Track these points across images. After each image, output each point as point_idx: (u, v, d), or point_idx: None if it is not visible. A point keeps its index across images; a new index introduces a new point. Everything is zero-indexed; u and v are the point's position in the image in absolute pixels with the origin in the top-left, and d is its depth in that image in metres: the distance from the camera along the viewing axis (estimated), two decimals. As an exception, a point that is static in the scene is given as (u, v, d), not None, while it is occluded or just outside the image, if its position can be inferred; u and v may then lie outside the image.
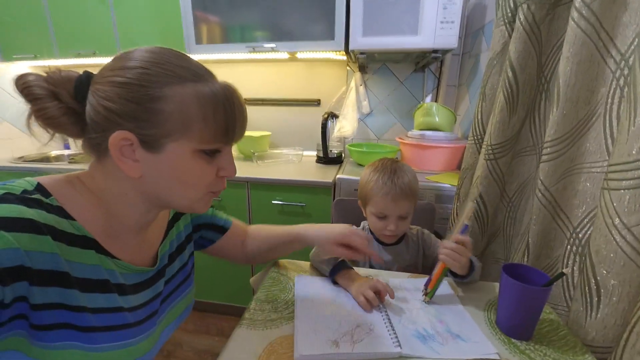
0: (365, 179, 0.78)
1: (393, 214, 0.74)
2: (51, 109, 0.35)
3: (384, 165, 0.77)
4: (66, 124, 0.37)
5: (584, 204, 0.60)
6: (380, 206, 0.74)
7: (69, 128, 0.37)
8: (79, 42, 1.50)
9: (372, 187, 0.75)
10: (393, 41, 1.20)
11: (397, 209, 0.73)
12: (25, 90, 0.35)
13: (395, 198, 0.72)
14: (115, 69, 0.36)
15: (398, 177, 0.73)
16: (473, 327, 0.55)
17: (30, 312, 0.31)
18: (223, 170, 0.41)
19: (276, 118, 1.78)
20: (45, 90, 0.35)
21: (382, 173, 0.75)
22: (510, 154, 0.77)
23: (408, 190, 0.73)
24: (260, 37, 1.35)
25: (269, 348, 0.49)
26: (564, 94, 0.58)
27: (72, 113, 0.37)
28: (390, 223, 0.74)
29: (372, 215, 0.76)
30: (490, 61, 0.83)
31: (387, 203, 0.73)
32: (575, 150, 0.60)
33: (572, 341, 0.52)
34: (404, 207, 0.73)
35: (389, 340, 0.50)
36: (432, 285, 0.61)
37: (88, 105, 0.36)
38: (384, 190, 0.72)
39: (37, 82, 0.35)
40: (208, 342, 1.40)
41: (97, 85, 0.36)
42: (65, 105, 0.36)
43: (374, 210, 0.75)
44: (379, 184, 0.73)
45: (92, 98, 0.36)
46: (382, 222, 0.75)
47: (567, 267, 0.56)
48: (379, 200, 0.74)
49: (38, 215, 0.32)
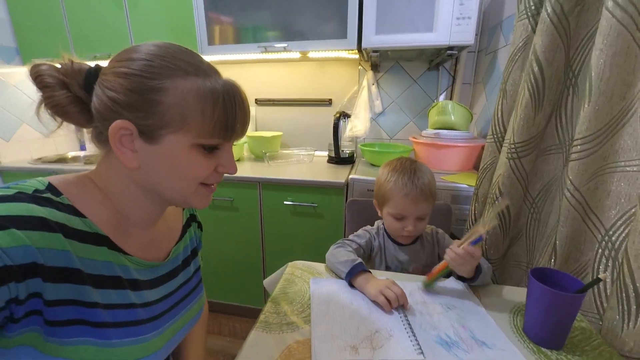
0: (383, 178, 0.76)
1: (412, 215, 0.72)
2: (59, 97, 0.37)
3: (403, 165, 0.74)
4: (73, 112, 0.38)
5: (617, 205, 0.56)
6: (399, 207, 0.72)
7: (75, 117, 0.39)
8: (95, 44, 1.53)
9: (390, 187, 0.73)
10: (407, 38, 1.18)
11: (417, 210, 0.71)
12: (38, 78, 0.37)
13: (416, 199, 0.70)
14: (122, 61, 0.37)
15: (418, 177, 0.71)
16: (498, 333, 0.52)
17: (45, 308, 0.31)
18: (222, 166, 0.42)
19: (287, 118, 1.77)
20: (55, 80, 0.37)
21: (402, 174, 0.72)
22: (534, 153, 0.74)
23: (428, 191, 0.71)
24: (272, 37, 1.35)
25: (286, 352, 0.48)
26: (597, 88, 0.54)
27: (78, 102, 0.38)
28: (408, 224, 0.72)
29: (390, 216, 0.74)
30: (511, 56, 0.80)
31: (407, 204, 0.71)
32: (609, 147, 0.56)
33: (607, 351, 0.49)
34: (423, 208, 0.71)
35: (411, 347, 0.48)
36: (429, 277, 0.63)
37: (94, 95, 0.37)
38: (404, 192, 0.70)
39: (49, 71, 0.37)
40: (221, 343, 1.40)
41: (104, 76, 0.37)
42: (73, 94, 0.38)
43: (392, 211, 0.73)
44: (399, 184, 0.71)
45: (98, 88, 0.37)
46: (400, 223, 0.73)
47: (604, 273, 0.52)
48: (398, 201, 0.71)
49: (49, 213, 0.33)
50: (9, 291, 0.28)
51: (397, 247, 0.78)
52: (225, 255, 1.43)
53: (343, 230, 1.26)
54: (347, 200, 1.20)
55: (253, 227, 1.36)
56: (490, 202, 0.83)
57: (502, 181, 0.78)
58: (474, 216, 0.95)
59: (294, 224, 1.31)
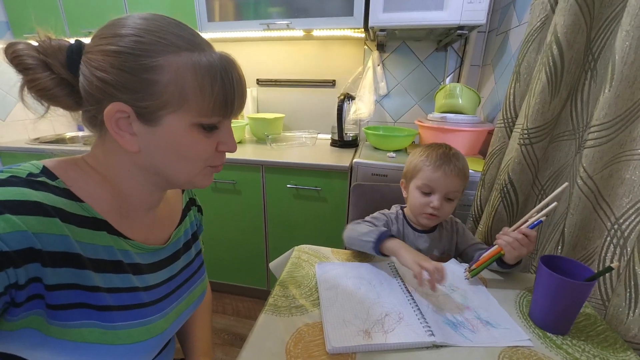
0: (416, 155, 0.74)
1: (441, 189, 0.69)
2: (44, 80, 0.34)
3: (439, 144, 0.74)
4: (60, 95, 0.36)
5: (630, 194, 0.56)
6: (429, 178, 0.69)
7: (63, 100, 0.36)
8: (90, 20, 1.46)
9: (423, 159, 0.71)
10: (416, 17, 1.13)
11: (446, 183, 0.68)
12: (16, 59, 0.34)
13: (448, 172, 0.68)
14: (108, 37, 0.34)
15: (454, 155, 0.70)
16: (501, 313, 0.54)
17: (46, 293, 0.31)
18: (223, 144, 0.40)
19: (290, 99, 1.73)
20: (36, 60, 0.34)
21: (437, 148, 0.72)
22: (547, 139, 0.72)
23: (462, 169, 0.69)
24: (275, 13, 1.29)
25: (297, 335, 0.49)
26: (620, 72, 0.52)
27: (65, 84, 0.35)
28: (435, 199, 0.69)
29: (417, 189, 0.72)
30: (527, 37, 0.76)
31: (438, 175, 0.68)
32: (627, 135, 0.55)
33: (612, 337, 0.49)
34: (454, 184, 0.69)
35: (421, 329, 0.49)
36: (478, 264, 0.61)
37: (81, 76, 0.34)
38: (437, 163, 0.69)
39: (28, 51, 0.34)
40: (224, 322, 1.43)
41: (90, 55, 0.34)
42: (58, 76, 0.35)
43: (421, 182, 0.71)
44: (432, 156, 0.70)
45: (84, 68, 0.34)
46: (426, 198, 0.70)
47: (617, 262, 0.52)
48: (428, 172, 0.69)
49: (44, 197, 0.32)
50: (7, 277, 0.28)
51: (417, 234, 0.77)
52: (229, 237, 1.44)
53: (346, 215, 1.27)
54: (350, 184, 1.19)
55: (256, 210, 1.36)
56: (498, 188, 0.83)
57: (512, 167, 0.77)
58: (479, 202, 0.95)
59: (297, 208, 1.31)
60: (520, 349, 0.47)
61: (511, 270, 0.63)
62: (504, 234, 0.60)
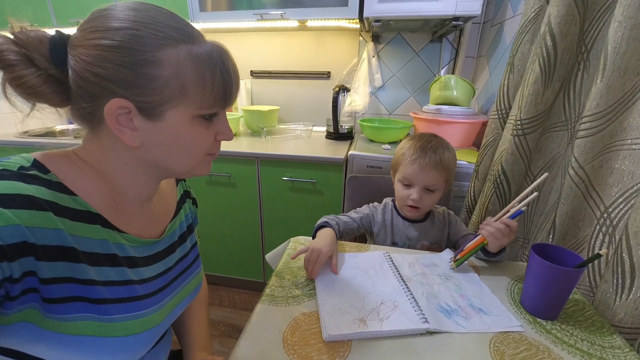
0: (400, 146, 0.77)
1: (419, 182, 0.71)
2: (30, 77, 0.32)
3: (422, 136, 0.75)
4: (48, 93, 0.34)
5: (619, 183, 0.57)
6: (407, 172, 0.72)
7: (51, 97, 0.34)
8: (78, 10, 1.42)
9: (403, 152, 0.74)
10: (412, 7, 1.12)
11: (424, 177, 0.70)
12: None
13: (423, 166, 0.70)
14: (99, 31, 0.32)
15: (432, 148, 0.71)
16: (494, 301, 0.55)
17: (40, 286, 0.31)
18: (221, 134, 0.41)
19: (284, 92, 1.71)
20: (18, 55, 0.32)
21: (417, 141, 0.73)
22: (540, 130, 0.73)
23: (439, 161, 0.70)
24: (269, 3, 1.27)
25: (293, 324, 0.49)
26: (612, 63, 0.53)
27: (53, 81, 0.33)
28: (413, 192, 0.72)
29: (399, 182, 0.75)
30: (521, 28, 0.77)
31: (415, 170, 0.71)
32: (617, 125, 0.56)
33: (599, 322, 0.51)
34: (430, 177, 0.70)
35: (416, 316, 0.50)
36: (463, 254, 0.63)
37: (71, 71, 0.33)
38: (413, 157, 0.71)
39: (7, 45, 0.31)
40: (221, 314, 1.44)
41: (81, 49, 0.32)
42: (45, 73, 0.33)
43: (400, 176, 0.74)
44: (410, 150, 0.72)
45: (75, 63, 0.32)
46: (406, 191, 0.73)
47: (605, 249, 0.54)
48: (406, 166, 0.72)
49: (37, 191, 0.31)
50: (2, 271, 0.27)
51: (408, 223, 0.78)
52: (225, 230, 1.44)
53: (342, 206, 1.27)
54: (346, 176, 1.20)
55: (252, 203, 1.36)
56: (491, 179, 0.84)
57: (505, 158, 0.78)
58: (473, 192, 0.96)
59: (293, 200, 1.32)
60: (511, 334, 0.48)
61: (496, 259, 0.65)
62: (487, 224, 0.61)
